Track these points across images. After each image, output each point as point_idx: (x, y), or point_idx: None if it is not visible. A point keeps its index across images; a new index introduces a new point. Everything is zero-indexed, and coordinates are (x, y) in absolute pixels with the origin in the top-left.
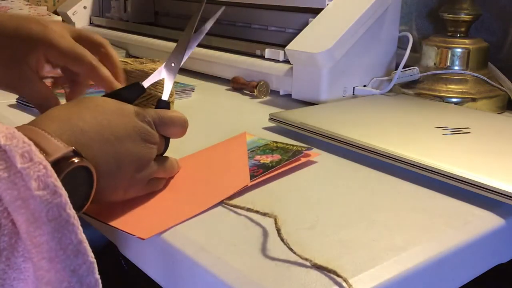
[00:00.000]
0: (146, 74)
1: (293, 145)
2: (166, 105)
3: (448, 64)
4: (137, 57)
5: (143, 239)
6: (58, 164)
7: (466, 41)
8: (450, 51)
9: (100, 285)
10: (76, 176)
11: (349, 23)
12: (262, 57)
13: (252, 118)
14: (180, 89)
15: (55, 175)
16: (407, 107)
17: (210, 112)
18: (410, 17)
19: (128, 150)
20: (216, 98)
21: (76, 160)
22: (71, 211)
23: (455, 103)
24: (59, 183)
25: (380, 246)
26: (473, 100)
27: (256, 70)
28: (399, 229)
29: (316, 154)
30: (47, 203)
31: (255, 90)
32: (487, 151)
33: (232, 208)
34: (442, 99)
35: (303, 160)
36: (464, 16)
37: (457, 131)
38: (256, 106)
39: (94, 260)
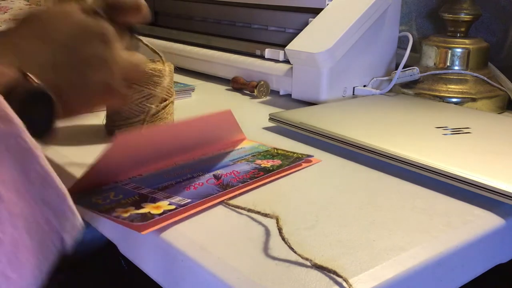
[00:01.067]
0: (146, 74)
1: (294, 152)
2: None
3: (448, 64)
4: None
5: (142, 233)
6: (10, 92)
7: (466, 41)
8: (450, 51)
9: (77, 213)
10: (31, 100)
11: (349, 23)
12: (262, 57)
13: (252, 118)
14: (180, 89)
15: (5, 103)
16: (407, 107)
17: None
18: (410, 17)
19: (80, 53)
20: (216, 98)
21: (27, 84)
22: (29, 139)
23: (455, 103)
24: (11, 111)
25: (380, 246)
26: (473, 100)
27: (256, 70)
28: (399, 229)
29: (317, 160)
30: (3, 134)
31: (255, 90)
32: (487, 151)
33: (232, 208)
34: (442, 99)
35: (304, 165)
36: (464, 16)
37: (457, 131)
38: (256, 106)
39: (65, 188)
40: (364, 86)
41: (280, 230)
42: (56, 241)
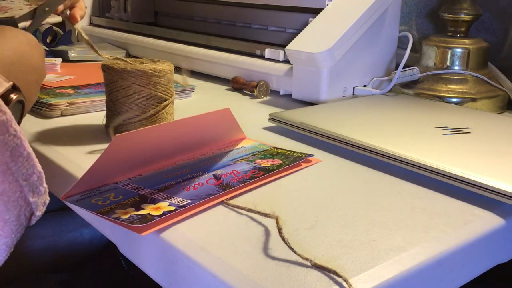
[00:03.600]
0: (146, 74)
1: (294, 152)
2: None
3: (448, 64)
4: (137, 57)
5: (142, 234)
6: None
7: (466, 41)
8: (450, 51)
9: (47, 191)
10: (12, 108)
11: (349, 23)
12: (262, 57)
13: (252, 118)
14: (180, 89)
15: (1, 101)
16: (407, 107)
17: None
18: (410, 17)
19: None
20: (216, 98)
21: (14, 96)
22: (17, 127)
23: (455, 103)
24: (4, 106)
25: (380, 246)
26: (473, 100)
27: (256, 70)
28: (399, 229)
29: (318, 160)
30: (1, 122)
31: (255, 90)
32: (487, 151)
33: (232, 208)
34: (442, 99)
35: (304, 165)
36: (464, 16)
37: (457, 131)
38: (256, 106)
39: (42, 171)
40: (364, 86)
41: (280, 230)
42: (28, 214)
